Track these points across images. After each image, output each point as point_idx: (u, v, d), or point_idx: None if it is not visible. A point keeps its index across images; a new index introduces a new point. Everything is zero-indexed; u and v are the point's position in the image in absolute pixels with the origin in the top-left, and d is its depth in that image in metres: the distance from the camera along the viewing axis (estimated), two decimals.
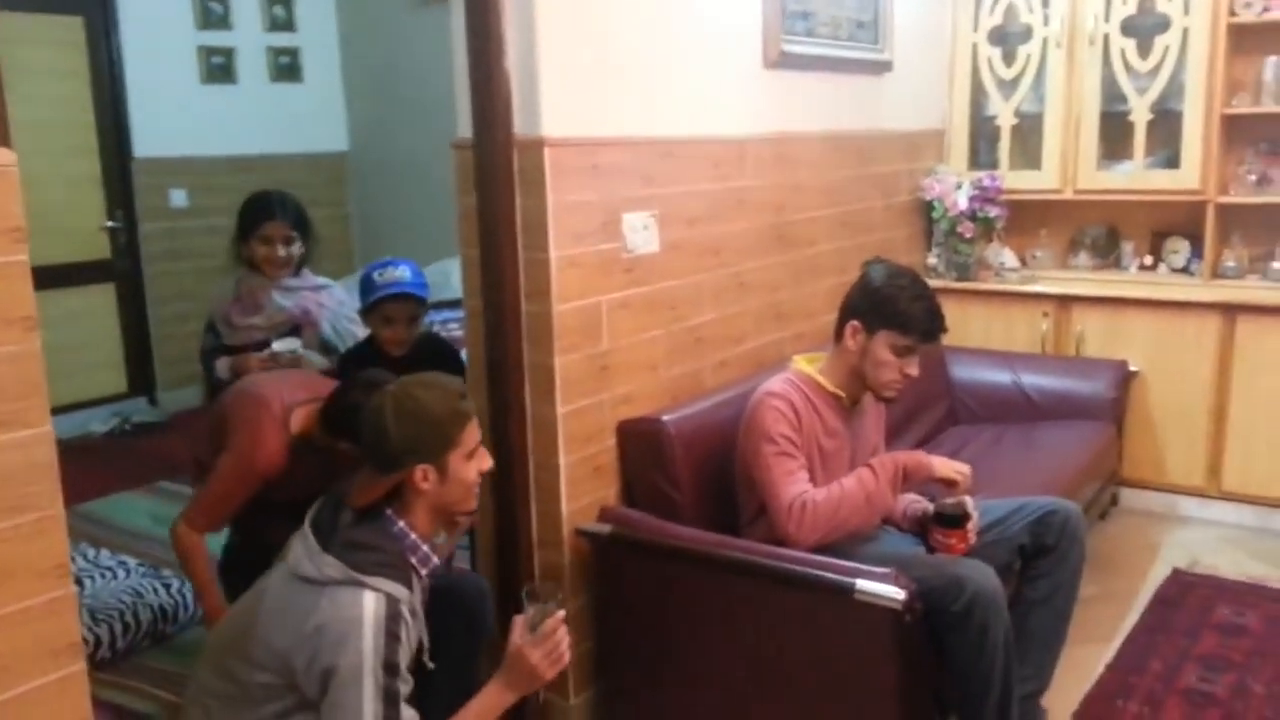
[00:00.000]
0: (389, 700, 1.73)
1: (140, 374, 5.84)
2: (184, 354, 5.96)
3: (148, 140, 5.72)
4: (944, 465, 2.43)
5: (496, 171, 2.39)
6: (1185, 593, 3.32)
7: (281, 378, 2.59)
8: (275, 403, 2.40)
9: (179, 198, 5.87)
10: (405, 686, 1.79)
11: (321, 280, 3.21)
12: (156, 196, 5.79)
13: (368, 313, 2.90)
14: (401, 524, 1.90)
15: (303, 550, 1.84)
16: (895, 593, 2.08)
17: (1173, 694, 2.75)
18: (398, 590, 1.81)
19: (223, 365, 3.01)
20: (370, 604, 1.76)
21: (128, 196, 5.69)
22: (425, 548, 1.92)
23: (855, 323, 2.46)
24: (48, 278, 4.92)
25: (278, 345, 2.93)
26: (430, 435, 1.88)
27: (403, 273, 2.90)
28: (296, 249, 3.10)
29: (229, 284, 3.13)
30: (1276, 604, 3.23)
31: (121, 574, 3.41)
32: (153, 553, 3.76)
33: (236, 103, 6.05)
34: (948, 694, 2.35)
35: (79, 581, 3.14)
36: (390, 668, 1.74)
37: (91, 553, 3.57)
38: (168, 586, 3.27)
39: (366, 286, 2.90)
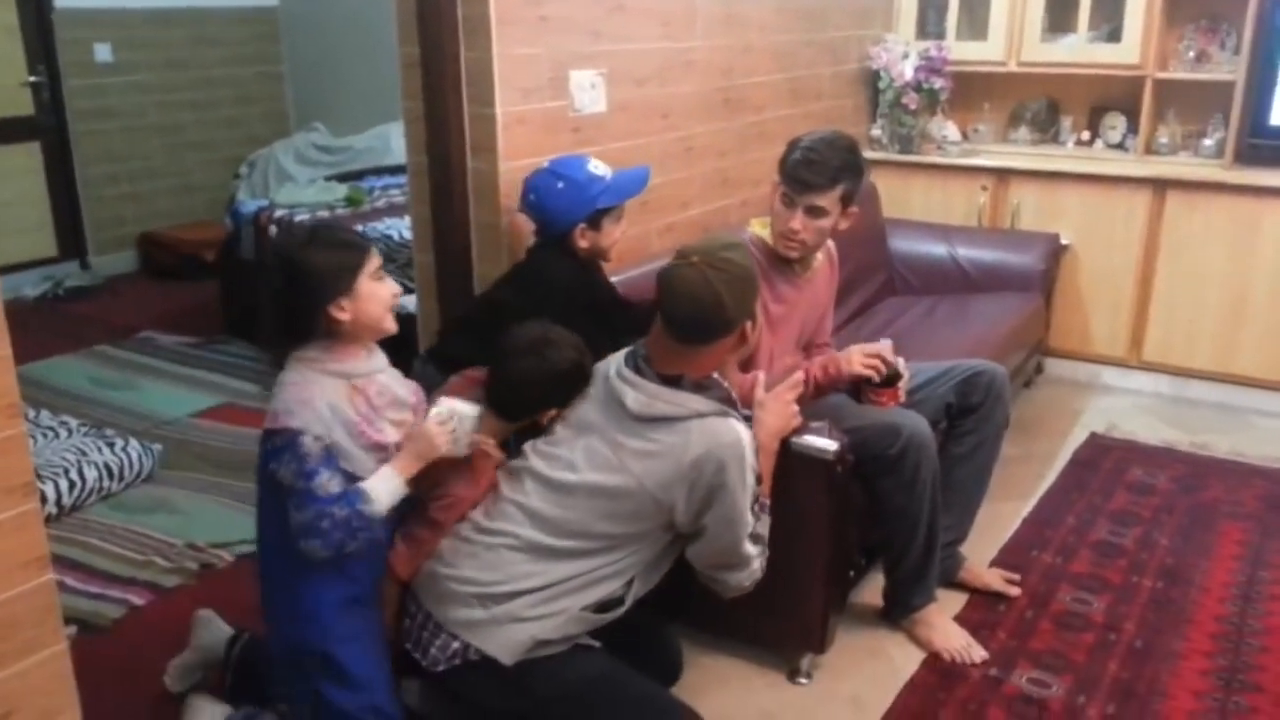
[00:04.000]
0: (753, 502, 1.97)
1: (70, 237, 5.69)
2: (115, 217, 5.83)
3: None
4: (860, 360, 2.42)
5: (440, 18, 2.34)
6: (1101, 455, 3.50)
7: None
8: None
9: (103, 52, 5.61)
10: None
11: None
12: (80, 51, 5.52)
13: (590, 218, 2.34)
14: (715, 374, 2.03)
15: (644, 395, 1.93)
16: (828, 444, 2.19)
17: (1084, 545, 2.93)
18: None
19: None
20: (741, 428, 1.94)
21: (49, 50, 5.43)
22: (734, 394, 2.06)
23: (775, 178, 2.48)
24: None
25: (468, 410, 1.95)
26: (753, 291, 2.00)
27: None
28: None
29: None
30: (1184, 465, 3.43)
31: (64, 434, 3.41)
32: (94, 415, 3.75)
33: None
34: (877, 540, 2.49)
35: None
36: (758, 479, 1.98)
37: (32, 413, 3.55)
38: (111, 445, 3.27)
39: (590, 185, 2.32)
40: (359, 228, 4.33)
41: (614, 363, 2.03)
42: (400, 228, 4.28)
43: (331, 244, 1.82)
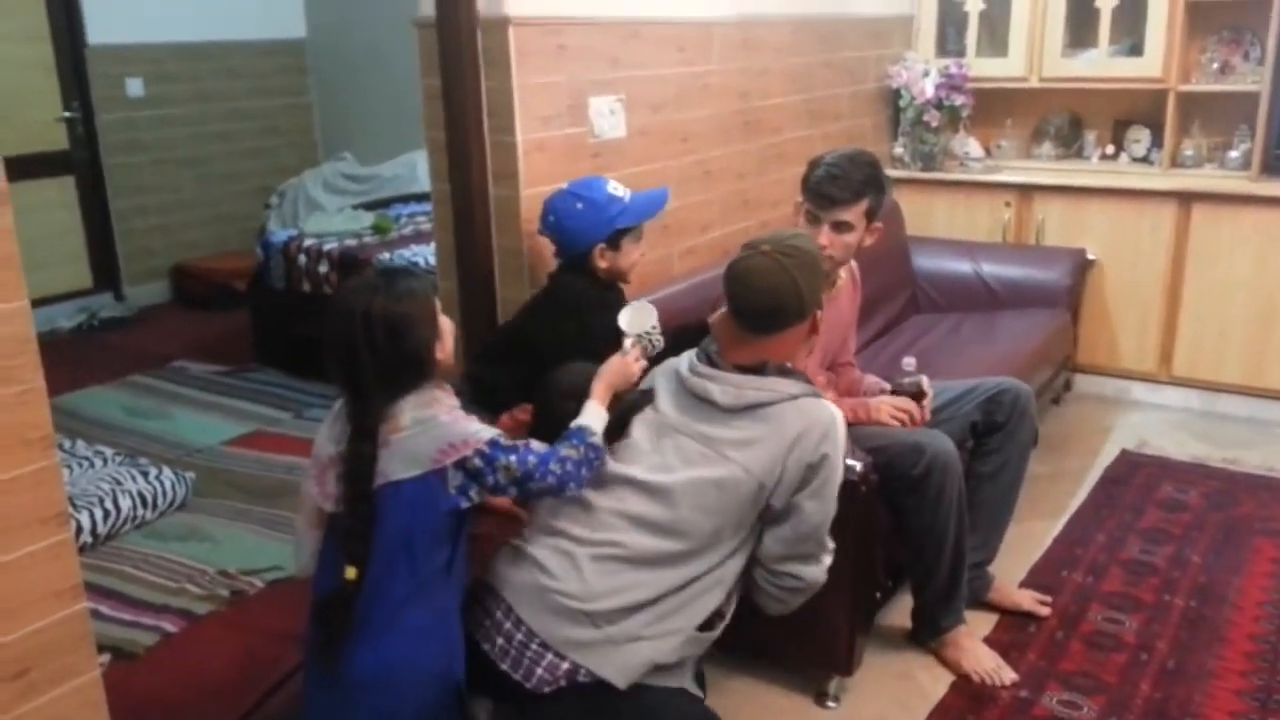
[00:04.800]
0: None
1: (105, 269, 5.79)
2: (147, 249, 5.93)
3: (101, 26, 5.55)
4: (890, 412, 2.44)
5: (461, 50, 2.38)
6: (1132, 472, 3.47)
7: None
8: None
9: (135, 87, 5.73)
10: None
11: None
12: (113, 86, 5.65)
13: (610, 239, 2.39)
14: (789, 364, 2.03)
15: (731, 388, 1.92)
16: (852, 464, 2.18)
17: (1115, 564, 2.90)
18: None
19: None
20: (835, 409, 1.96)
21: (83, 86, 5.55)
22: None
23: (799, 197, 2.50)
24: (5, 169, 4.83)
25: (649, 320, 2.14)
26: (821, 278, 2.02)
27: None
28: None
29: None
30: (1216, 481, 3.38)
31: (99, 463, 3.45)
32: (128, 444, 3.80)
33: None
34: (903, 561, 2.48)
35: None
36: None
37: (67, 443, 3.60)
38: (145, 474, 3.32)
39: (609, 205, 2.38)
40: (386, 255, 4.40)
41: (684, 361, 2.02)
42: (426, 254, 4.32)
43: (412, 290, 1.80)
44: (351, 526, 1.74)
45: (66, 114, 5.51)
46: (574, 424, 1.92)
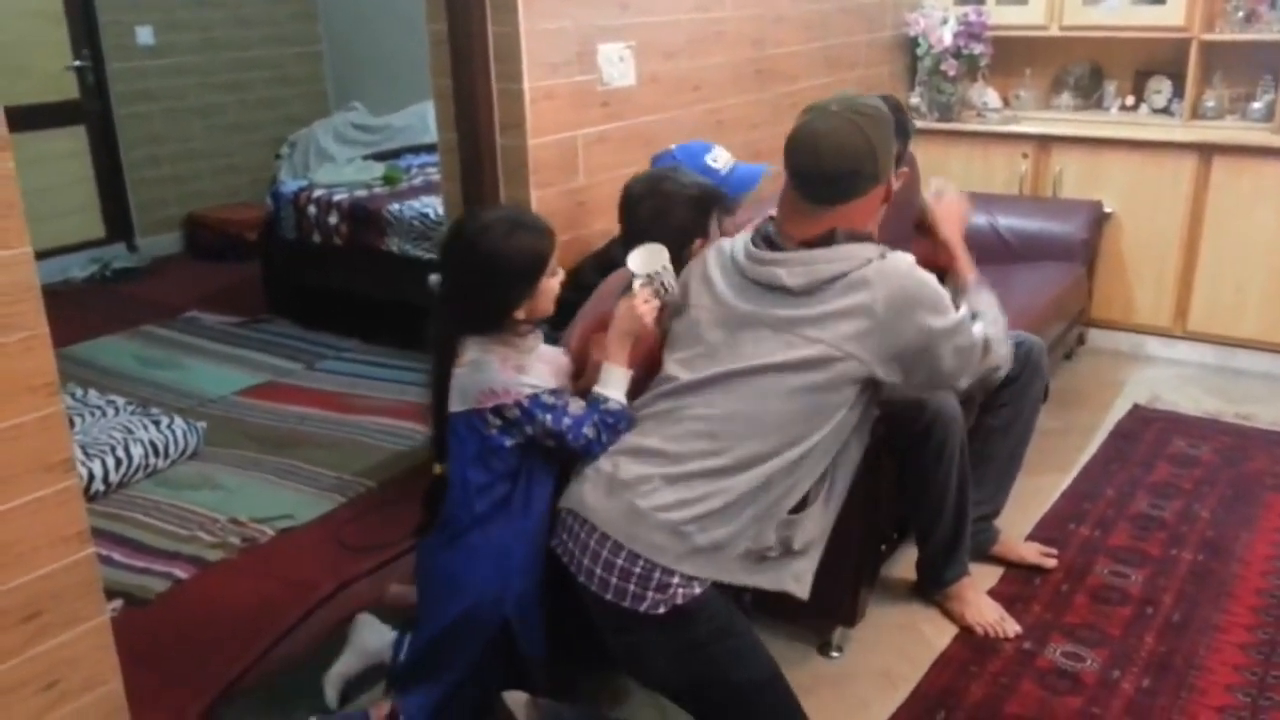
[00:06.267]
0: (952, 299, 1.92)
1: (118, 219, 5.78)
2: (160, 199, 5.93)
3: None
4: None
5: None
6: (1144, 427, 3.45)
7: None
8: None
9: (145, 35, 5.69)
10: None
11: None
12: (122, 34, 5.61)
13: (703, 210, 2.33)
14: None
15: (800, 267, 1.80)
16: None
17: (1123, 518, 2.89)
18: None
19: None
20: (908, 257, 1.86)
21: (93, 35, 5.51)
22: None
23: None
24: (13, 119, 4.83)
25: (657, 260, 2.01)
26: (892, 140, 1.89)
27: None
28: None
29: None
30: (1228, 436, 3.36)
31: (111, 412, 3.48)
32: (140, 393, 3.83)
33: None
34: (907, 514, 2.48)
35: (69, 420, 3.20)
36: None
37: (79, 392, 3.63)
38: (157, 423, 3.34)
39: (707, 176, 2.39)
40: (396, 206, 4.38)
41: (737, 248, 1.91)
42: (436, 205, 4.30)
43: (526, 243, 1.86)
44: (434, 427, 1.91)
45: (76, 63, 5.48)
46: (591, 390, 1.93)
